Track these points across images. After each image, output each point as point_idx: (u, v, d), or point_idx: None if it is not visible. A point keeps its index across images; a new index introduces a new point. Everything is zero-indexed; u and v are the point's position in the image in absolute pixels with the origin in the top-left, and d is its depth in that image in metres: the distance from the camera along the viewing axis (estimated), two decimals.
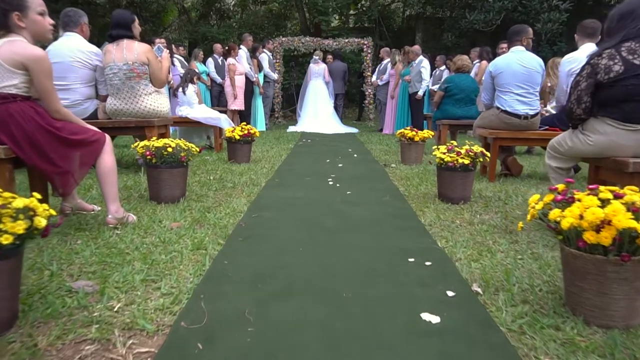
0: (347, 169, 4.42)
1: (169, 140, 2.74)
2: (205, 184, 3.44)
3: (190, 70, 5.94)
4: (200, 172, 3.99)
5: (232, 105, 8.10)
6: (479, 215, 2.79)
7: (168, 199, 2.81)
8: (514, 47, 3.72)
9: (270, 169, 4.27)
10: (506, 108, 3.69)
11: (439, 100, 5.64)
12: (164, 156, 2.74)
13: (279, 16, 16.16)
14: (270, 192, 3.29)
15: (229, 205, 2.83)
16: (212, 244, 2.11)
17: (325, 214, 2.72)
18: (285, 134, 8.31)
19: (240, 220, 2.51)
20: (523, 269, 1.92)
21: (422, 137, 4.69)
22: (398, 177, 4.02)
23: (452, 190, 3.05)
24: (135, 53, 3.47)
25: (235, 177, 3.76)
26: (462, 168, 3.01)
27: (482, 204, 3.05)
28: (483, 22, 12.52)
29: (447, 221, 2.64)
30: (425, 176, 4.02)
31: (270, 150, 5.83)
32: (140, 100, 3.58)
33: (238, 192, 3.23)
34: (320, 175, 3.99)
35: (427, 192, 3.39)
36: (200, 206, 2.78)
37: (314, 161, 4.92)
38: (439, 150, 3.11)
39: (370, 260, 1.96)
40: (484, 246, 2.20)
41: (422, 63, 7.97)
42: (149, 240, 2.13)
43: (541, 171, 4.49)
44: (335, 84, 10.29)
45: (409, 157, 4.75)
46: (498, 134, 3.75)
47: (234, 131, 4.52)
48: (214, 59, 9.40)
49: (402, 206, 2.96)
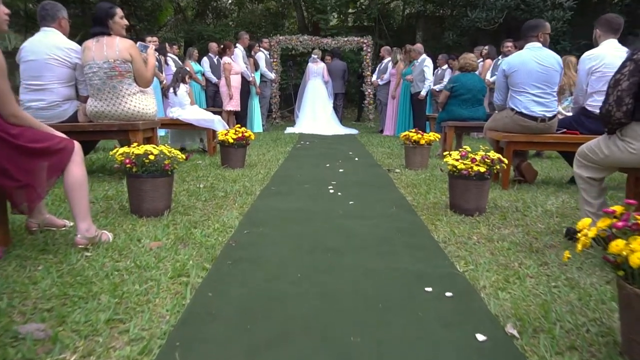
0: (349, 174, 4.13)
1: (151, 147, 2.44)
2: (194, 193, 3.15)
3: (181, 69, 5.64)
4: (190, 178, 3.69)
5: (227, 105, 7.80)
6: (497, 230, 2.50)
7: (150, 212, 2.51)
8: (529, 44, 3.44)
9: (265, 175, 3.97)
10: (521, 109, 3.40)
11: (445, 100, 5.35)
12: (146, 164, 2.44)
13: (277, 15, 15.87)
14: (265, 202, 3.00)
15: (219, 219, 2.54)
16: (195, 269, 1.82)
17: (326, 230, 2.43)
18: (282, 136, 8.02)
19: (230, 238, 2.21)
20: (560, 300, 1.63)
21: (427, 140, 4.40)
22: (404, 183, 3.73)
23: (466, 201, 2.77)
24: (116, 50, 3.17)
25: (227, 185, 3.47)
26: (477, 176, 2.72)
27: (499, 216, 2.76)
28: (485, 20, 12.24)
29: (462, 237, 2.36)
30: (433, 183, 3.73)
31: (266, 153, 5.53)
32: (123, 101, 3.28)
33: (230, 203, 2.94)
34: (320, 182, 3.70)
35: (437, 202, 3.10)
36: (187, 220, 2.49)
37: (313, 166, 4.62)
38: (451, 156, 2.83)
39: (381, 291, 1.67)
40: (509, 269, 1.91)
41: (425, 62, 7.69)
42: (123, 265, 1.83)
43: (556, 176, 4.21)
44: (335, 83, 10.00)
45: (414, 162, 4.46)
46: (512, 137, 3.47)
47: (227, 134, 4.23)
48: (210, 58, 9.09)
49: (411, 219, 2.67)
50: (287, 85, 12.36)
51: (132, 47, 3.24)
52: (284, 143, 6.83)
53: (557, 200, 3.16)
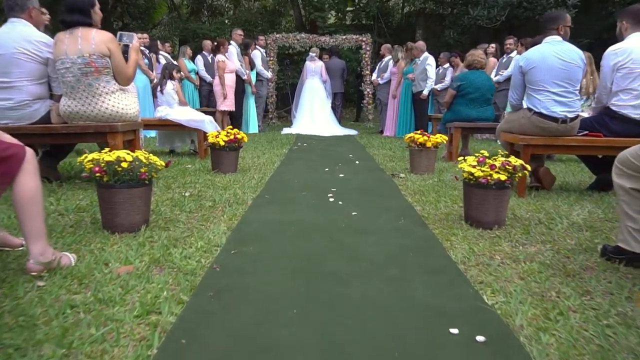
0: (350, 180, 3.81)
1: (125, 153, 2.12)
2: (178, 203, 2.82)
3: (168, 64, 5.28)
4: (176, 185, 3.37)
5: (221, 105, 7.47)
6: (521, 247, 2.19)
7: (125, 228, 2.18)
8: (549, 37, 3.12)
9: (259, 181, 3.65)
10: (540, 110, 3.09)
11: (450, 100, 5.04)
12: (118, 173, 2.11)
13: (273, 13, 15.54)
14: (257, 213, 2.67)
15: (203, 235, 2.21)
16: (169, 303, 1.49)
17: (326, 248, 2.10)
18: (279, 137, 7.69)
19: (214, 261, 1.89)
20: (619, 346, 1.31)
21: (434, 143, 4.08)
22: (410, 190, 3.41)
23: (484, 213, 2.45)
24: (92, 43, 2.84)
25: (216, 193, 3.14)
26: (496, 185, 2.40)
27: (521, 230, 2.45)
28: (487, 18, 11.96)
29: (484, 256, 2.04)
30: (442, 190, 3.41)
31: (261, 156, 5.21)
32: (100, 100, 2.95)
33: (217, 215, 2.61)
34: (319, 189, 3.37)
35: (449, 213, 2.79)
36: (166, 237, 2.16)
37: (310, 170, 4.30)
38: (467, 162, 2.51)
39: (395, 334, 1.35)
40: (547, 301, 1.60)
41: (427, 60, 7.40)
42: (81, 299, 1.51)
43: (573, 181, 3.90)
44: (333, 82, 9.67)
45: (420, 166, 4.14)
46: (530, 140, 3.16)
47: (218, 136, 3.90)
48: (204, 56, 8.77)
49: (423, 234, 2.35)
50: (284, 84, 12.03)
51: (111, 41, 2.92)
52: (280, 144, 6.51)
53: (583, 210, 2.84)
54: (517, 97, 3.28)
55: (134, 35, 3.11)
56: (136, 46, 3.07)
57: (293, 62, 12.75)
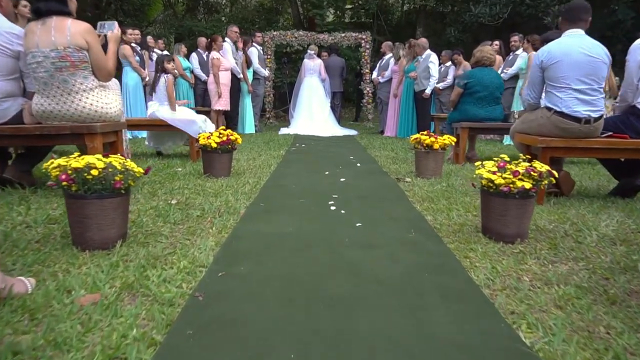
0: (352, 184, 3.53)
1: (95, 159, 1.83)
2: (162, 212, 2.53)
3: (159, 57, 4.95)
4: (162, 191, 3.08)
5: (216, 105, 7.19)
6: (551, 266, 1.92)
7: (97, 244, 1.90)
8: (571, 30, 2.85)
9: (254, 186, 3.37)
10: (562, 109, 2.82)
11: (456, 98, 4.77)
12: (89, 181, 1.83)
13: (271, 10, 15.25)
14: (250, 224, 2.39)
15: (188, 252, 1.93)
16: (138, 346, 1.21)
17: (328, 267, 1.83)
18: (276, 137, 7.41)
19: (197, 287, 1.61)
20: None
21: (442, 144, 3.81)
22: (418, 197, 3.14)
23: (505, 225, 2.18)
24: (67, 35, 2.56)
25: (206, 200, 2.86)
26: (520, 194, 2.13)
27: (547, 244, 2.17)
28: (489, 15, 11.70)
29: (510, 278, 1.77)
30: (453, 196, 3.14)
31: (257, 158, 4.92)
32: (76, 98, 2.66)
33: (206, 227, 2.33)
34: (319, 196, 3.10)
35: (463, 223, 2.51)
36: (145, 255, 1.88)
37: (309, 173, 4.02)
38: (485, 167, 2.24)
39: None
40: (595, 339, 1.33)
41: (430, 58, 7.12)
42: (28, 342, 1.23)
43: (591, 186, 3.63)
44: (332, 81, 9.39)
45: (426, 169, 3.87)
46: (550, 142, 2.88)
47: (210, 137, 3.62)
48: (198, 54, 8.48)
49: (437, 249, 2.08)
50: (282, 83, 11.75)
51: (88, 32, 2.63)
52: (278, 145, 6.22)
53: (611, 220, 2.57)
54: (535, 95, 3.01)
55: (115, 24, 2.81)
56: (115, 35, 2.78)
57: (291, 60, 12.47)
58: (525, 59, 6.63)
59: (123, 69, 6.93)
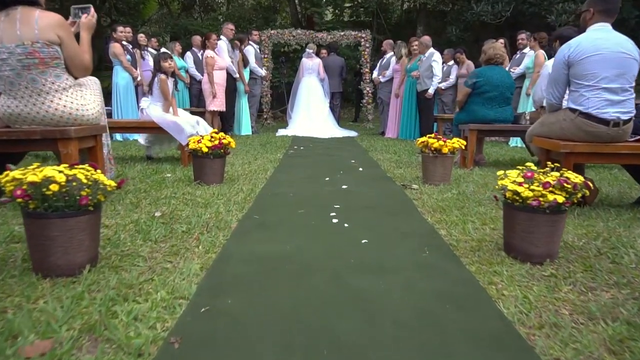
0: (355, 192, 3.26)
1: (56, 171, 1.55)
2: (143, 227, 2.25)
3: (157, 53, 4.62)
4: (147, 202, 2.80)
5: (210, 105, 6.91)
6: (591, 294, 1.64)
7: (62, 270, 1.62)
8: (598, 24, 2.58)
9: (248, 195, 3.09)
10: (589, 110, 2.55)
11: (464, 98, 4.50)
12: (49, 198, 1.55)
13: (268, 9, 14.96)
14: (242, 242, 2.11)
15: (167, 280, 1.65)
16: None
17: (332, 299, 1.55)
18: (273, 139, 7.13)
19: (174, 328, 1.33)
20: None
21: (451, 148, 3.54)
22: (428, 206, 2.86)
23: (532, 243, 1.91)
24: (35, 28, 2.27)
25: (194, 212, 2.58)
26: (551, 209, 1.86)
27: (581, 265, 1.90)
28: (491, 14, 11.44)
29: (546, 311, 1.49)
30: (466, 206, 2.87)
31: (252, 162, 4.64)
32: (47, 99, 2.38)
33: (191, 245, 2.05)
34: (319, 206, 2.82)
35: (481, 238, 2.24)
36: (117, 283, 1.60)
37: (308, 179, 3.75)
38: (509, 178, 1.96)
39: None
40: None
41: (433, 56, 6.86)
42: None
43: (612, 194, 3.36)
44: (331, 81, 9.11)
45: (434, 175, 3.59)
46: (574, 147, 2.61)
47: (200, 141, 3.34)
48: (193, 52, 8.19)
49: (457, 273, 1.80)
50: (280, 83, 11.47)
51: (60, 25, 2.34)
52: (275, 148, 5.95)
53: None
54: (559, 95, 2.74)
55: (90, 7, 2.49)
56: (88, 22, 2.47)
57: (289, 60, 12.19)
58: (532, 58, 6.37)
59: (114, 68, 6.65)
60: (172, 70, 4.44)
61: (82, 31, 2.45)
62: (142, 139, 4.68)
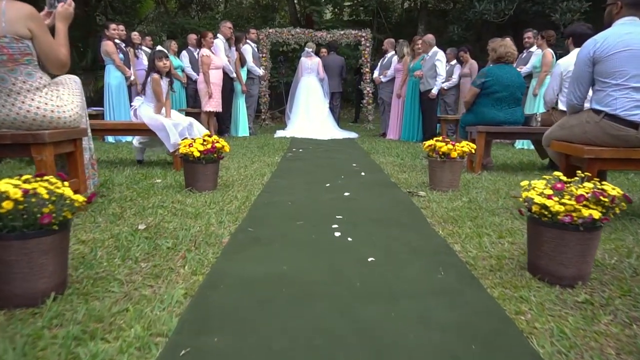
0: (358, 200, 3.03)
1: (11, 185, 1.32)
2: (124, 243, 2.02)
3: (152, 52, 4.37)
4: (132, 212, 2.56)
5: (206, 106, 6.67)
6: (635, 326, 1.42)
7: (21, 300, 1.39)
8: (628, 18, 2.35)
9: (243, 203, 2.86)
10: (616, 112, 2.32)
11: (472, 99, 4.27)
12: (4, 217, 1.32)
13: (267, 7, 14.72)
14: (233, 261, 1.88)
15: (144, 310, 1.42)
16: None
17: (338, 337, 1.31)
18: (271, 141, 6.90)
19: None
20: None
21: (461, 152, 3.31)
22: (438, 217, 2.63)
23: (562, 264, 1.68)
24: (1, 21, 2.04)
25: (183, 224, 2.35)
26: (585, 226, 1.63)
27: (617, 288, 1.68)
28: (494, 12, 11.22)
29: (588, 349, 1.27)
30: (479, 216, 2.64)
31: (249, 166, 4.41)
32: (18, 100, 2.15)
33: (176, 265, 1.82)
34: (320, 216, 2.59)
35: (499, 255, 2.01)
36: (85, 315, 1.37)
37: (308, 185, 3.52)
38: (536, 189, 1.74)
39: None
40: None
41: (437, 55, 6.64)
42: None
43: (636, 202, 3.13)
44: (331, 81, 8.88)
45: (442, 180, 3.36)
46: (600, 152, 2.39)
47: (191, 145, 3.11)
48: (189, 51, 7.98)
49: (478, 300, 1.57)
50: (278, 83, 11.23)
51: (31, 17, 2.11)
52: (273, 150, 5.71)
53: None
54: (581, 95, 2.51)
55: None
56: (64, 11, 2.22)
57: (287, 59, 11.96)
58: (539, 57, 6.15)
59: (105, 67, 6.41)
60: (167, 70, 4.21)
61: (58, 22, 2.21)
62: (135, 141, 4.44)
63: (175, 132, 3.88)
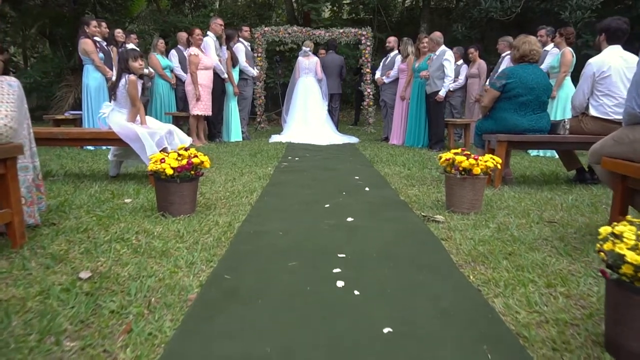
0: (363, 229, 2.50)
1: None
2: (53, 305, 1.50)
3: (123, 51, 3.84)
4: (80, 249, 2.04)
5: (194, 109, 6.15)
6: None
7: None
8: None
9: (224, 234, 2.34)
10: None
11: (491, 104, 3.76)
12: None
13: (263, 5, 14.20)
14: (197, 337, 1.36)
15: None
16: None
17: None
18: (265, 147, 6.37)
19: None
20: None
21: (484, 168, 2.80)
22: (464, 253, 2.11)
23: None
24: None
25: (141, 270, 1.82)
26: None
27: None
28: (501, 10, 10.72)
29: None
30: (515, 250, 2.12)
31: (238, 178, 3.89)
32: None
33: (115, 346, 1.29)
34: (317, 253, 2.07)
35: (556, 317, 1.50)
36: None
37: (303, 206, 2.99)
38: (625, 241, 1.22)
39: None
40: None
41: (445, 55, 6.14)
42: None
43: None
44: (330, 81, 8.36)
45: (462, 200, 2.85)
46: None
47: (164, 160, 2.59)
48: (178, 50, 7.45)
49: None
50: (275, 84, 10.71)
51: None
52: (266, 159, 5.19)
53: None
54: None
55: None
56: None
57: (284, 59, 11.44)
58: (557, 56, 5.63)
59: (84, 67, 5.88)
60: (141, 72, 3.70)
61: None
62: (110, 153, 3.91)
63: (151, 142, 3.37)
